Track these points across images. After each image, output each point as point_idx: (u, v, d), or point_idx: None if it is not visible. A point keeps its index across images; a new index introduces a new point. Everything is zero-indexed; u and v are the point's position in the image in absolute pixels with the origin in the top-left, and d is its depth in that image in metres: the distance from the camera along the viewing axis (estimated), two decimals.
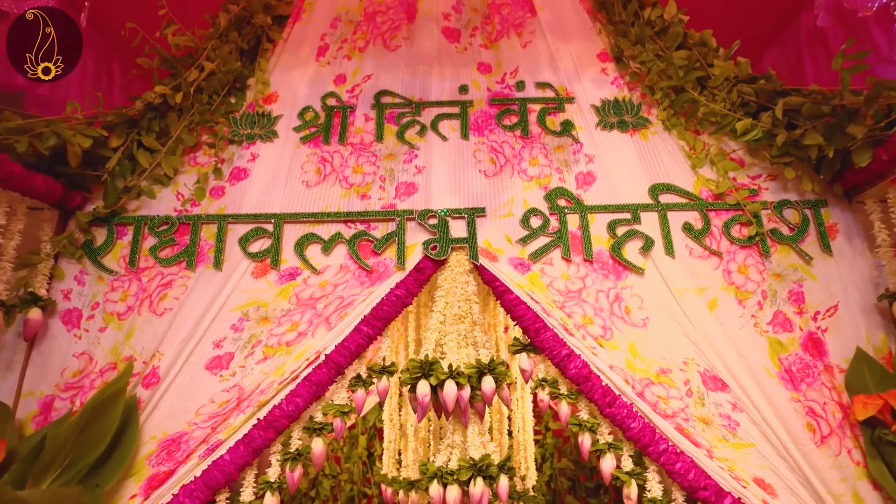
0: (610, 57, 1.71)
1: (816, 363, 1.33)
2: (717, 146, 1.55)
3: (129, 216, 1.51)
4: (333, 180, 1.53)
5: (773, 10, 2.20)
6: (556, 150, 1.55)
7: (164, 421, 1.33)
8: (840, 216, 1.45)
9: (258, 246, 1.46)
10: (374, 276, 1.41)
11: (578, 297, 1.37)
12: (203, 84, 1.65)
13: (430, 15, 1.74)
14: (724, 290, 1.39)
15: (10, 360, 1.36)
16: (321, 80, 1.69)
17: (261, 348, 1.37)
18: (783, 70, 2.53)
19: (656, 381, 1.31)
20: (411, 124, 1.59)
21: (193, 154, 1.61)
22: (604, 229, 1.44)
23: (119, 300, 1.43)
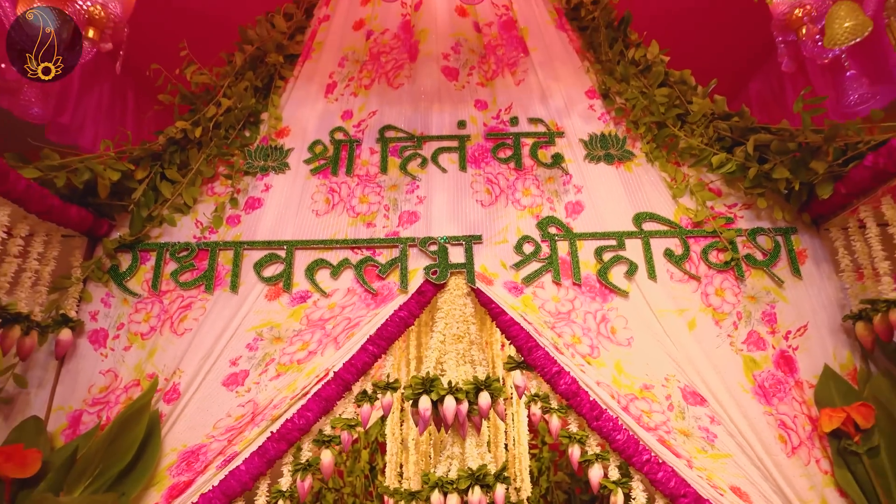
0: (597, 94, 1.85)
1: (788, 379, 1.44)
2: (696, 177, 1.68)
3: (151, 243, 1.63)
4: (341, 209, 1.65)
5: (758, 39, 2.35)
6: (548, 182, 1.67)
7: (184, 434, 1.43)
8: (809, 242, 1.57)
9: (271, 271, 1.58)
10: (379, 298, 1.53)
11: (568, 318, 1.49)
12: (221, 119, 1.78)
13: (431, 55, 1.88)
14: (703, 312, 1.50)
15: (42, 377, 1.46)
16: (330, 116, 1.82)
17: (274, 366, 1.48)
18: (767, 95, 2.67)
19: (640, 397, 1.42)
20: (413, 157, 1.72)
21: (211, 184, 1.74)
22: (591, 255, 1.56)
23: (142, 321, 1.55)
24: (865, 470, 1.29)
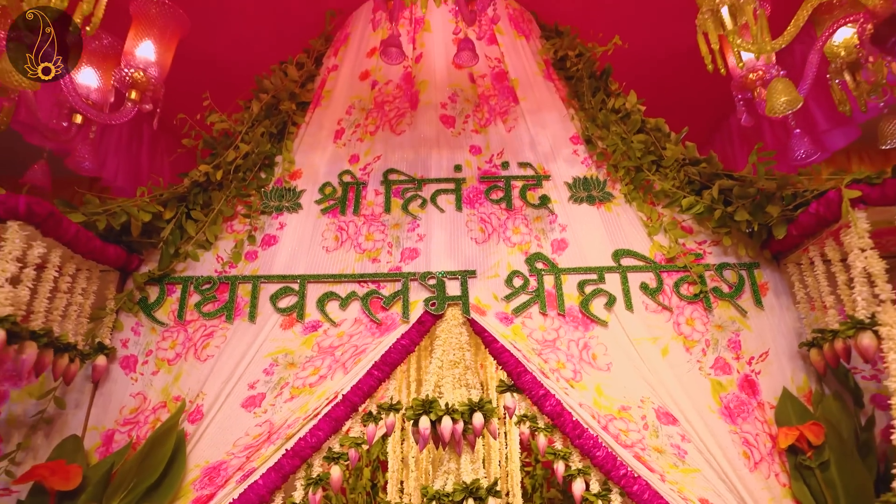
0: (581, 140, 2.04)
1: (751, 401, 1.60)
2: (669, 216, 1.85)
3: (177, 276, 1.79)
4: (349, 246, 1.82)
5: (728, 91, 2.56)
6: (535, 221, 1.85)
7: (207, 451, 1.58)
8: (770, 276, 1.74)
9: (286, 302, 1.74)
10: (383, 327, 1.69)
11: (553, 345, 1.65)
12: (240, 163, 1.96)
13: (430, 104, 2.07)
14: (674, 340, 1.66)
15: (78, 399, 1.62)
16: (338, 160, 2.01)
17: (288, 389, 1.63)
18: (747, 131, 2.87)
19: (618, 417, 1.57)
20: (414, 198, 1.90)
21: (231, 223, 1.91)
22: (574, 288, 1.73)
23: (169, 348, 1.71)
24: (818, 482, 1.44)
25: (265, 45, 2.81)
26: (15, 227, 1.29)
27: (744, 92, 1.61)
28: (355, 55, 2.26)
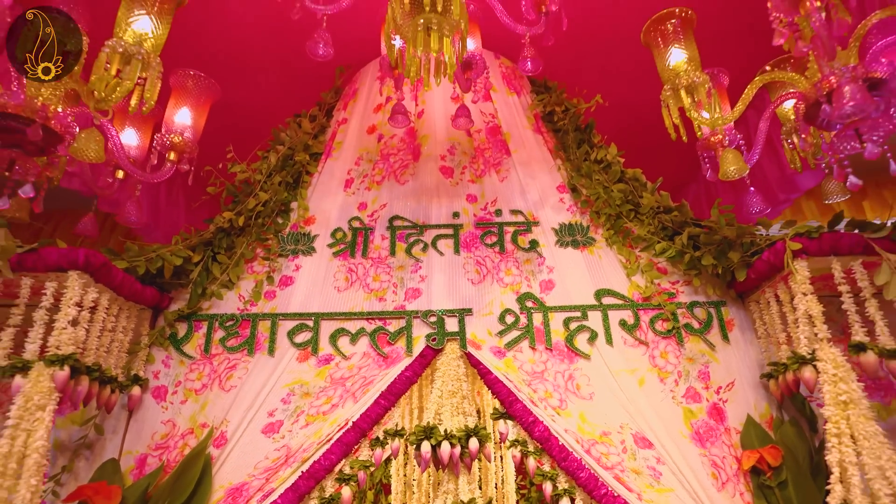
0: (566, 188, 2.26)
1: (719, 427, 1.78)
2: (646, 259, 2.06)
3: (203, 314, 1.99)
4: (358, 286, 2.03)
5: None
6: (525, 263, 2.06)
7: (230, 473, 1.74)
8: (735, 313, 1.94)
9: (301, 338, 1.93)
10: (389, 360, 1.88)
11: (541, 376, 1.84)
12: (259, 209, 2.18)
13: (431, 156, 2.30)
14: (650, 371, 1.85)
15: (115, 426, 1.80)
16: (348, 207, 2.22)
17: (304, 417, 1.81)
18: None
19: (600, 441, 1.75)
20: (416, 243, 2.11)
21: (251, 264, 2.12)
22: (560, 324, 1.92)
23: (196, 379, 1.89)
24: (777, 500, 1.61)
25: (280, 93, 3.08)
26: (75, 276, 1.49)
27: (707, 151, 1.84)
28: (363, 110, 2.50)
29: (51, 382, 1.38)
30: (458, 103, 2.03)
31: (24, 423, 1.32)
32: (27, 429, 1.32)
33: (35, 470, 1.29)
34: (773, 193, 2.79)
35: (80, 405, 1.58)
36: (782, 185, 2.76)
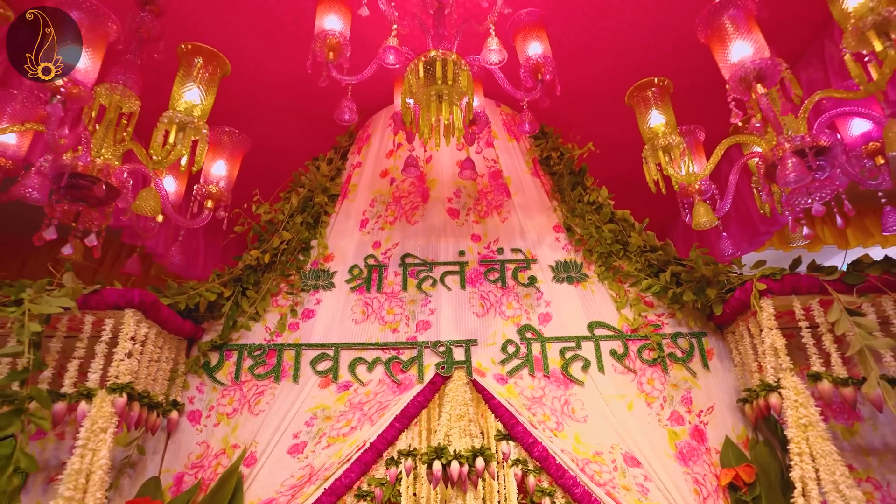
0: (562, 228, 2.48)
1: (700, 447, 1.98)
2: (634, 294, 2.27)
3: (233, 344, 2.19)
4: (373, 319, 2.23)
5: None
6: (525, 297, 2.27)
7: (259, 490, 1.92)
8: (715, 344, 2.14)
9: (323, 366, 2.13)
10: (402, 387, 2.08)
11: (540, 401, 2.03)
12: (283, 248, 2.41)
13: (439, 199, 2.53)
14: (638, 397, 2.05)
15: (155, 447, 1.99)
16: (364, 246, 2.44)
17: (325, 438, 2.00)
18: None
19: (593, 460, 1.94)
20: (426, 279, 2.32)
21: (276, 298, 2.33)
22: (557, 354, 2.12)
23: (227, 404, 2.09)
24: None
25: (298, 134, 3.33)
26: (130, 314, 1.71)
27: (686, 199, 2.07)
28: (376, 155, 2.74)
29: (112, 408, 1.58)
30: (463, 149, 2.26)
31: (91, 443, 1.52)
32: (93, 448, 1.52)
33: (100, 485, 1.49)
34: (755, 226, 3.01)
35: (133, 428, 1.76)
36: (763, 219, 2.98)
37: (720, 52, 1.59)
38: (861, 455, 1.85)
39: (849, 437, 1.89)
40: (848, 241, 4.81)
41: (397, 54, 1.62)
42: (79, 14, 1.46)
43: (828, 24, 2.38)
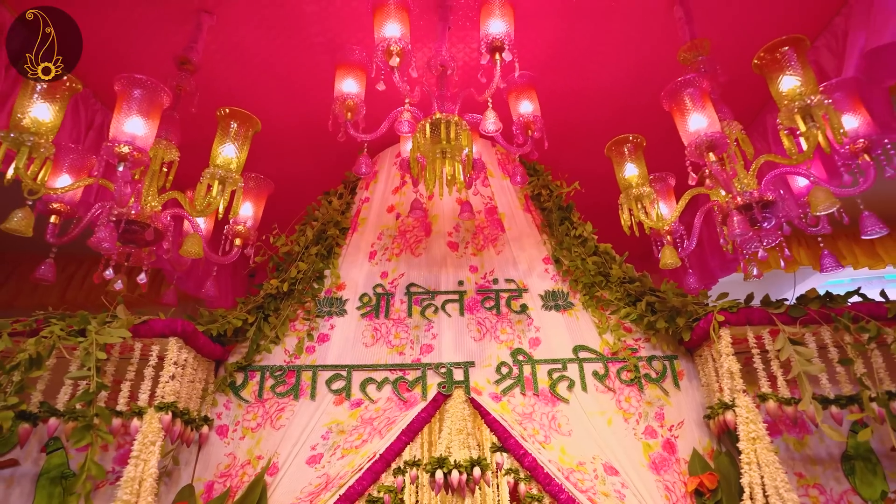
0: (551, 260, 2.76)
1: (671, 458, 2.23)
2: (615, 320, 2.54)
3: (256, 365, 2.45)
4: (382, 343, 2.49)
5: None
6: (517, 323, 2.54)
7: (281, 497, 2.16)
8: (685, 365, 2.42)
9: (337, 385, 2.39)
10: (408, 404, 2.33)
11: (530, 417, 2.29)
12: (300, 277, 2.67)
13: (440, 233, 2.81)
14: (616, 413, 2.31)
15: (188, 458, 2.22)
16: (372, 275, 2.71)
17: (340, 450, 2.25)
18: None
19: (576, 470, 2.19)
20: (429, 306, 2.59)
21: (294, 324, 2.59)
22: (545, 374, 2.39)
23: (251, 419, 2.34)
24: None
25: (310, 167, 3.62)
26: (173, 341, 1.97)
27: (658, 239, 2.35)
28: (383, 191, 3.02)
29: (159, 424, 1.84)
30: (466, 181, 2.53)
31: (142, 454, 1.77)
32: (144, 459, 1.77)
33: (150, 490, 1.74)
34: (726, 257, 3.31)
35: (174, 441, 2.01)
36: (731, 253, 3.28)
37: (680, 122, 1.89)
38: (809, 464, 2.11)
39: (800, 448, 2.16)
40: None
41: (411, 125, 1.90)
42: (140, 91, 1.74)
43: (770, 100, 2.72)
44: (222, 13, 2.59)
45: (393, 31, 1.89)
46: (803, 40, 1.72)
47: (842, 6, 2.57)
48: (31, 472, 2.04)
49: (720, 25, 2.64)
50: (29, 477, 2.02)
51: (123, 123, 1.73)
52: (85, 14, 2.45)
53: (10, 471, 2.02)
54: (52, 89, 1.72)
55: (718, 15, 2.59)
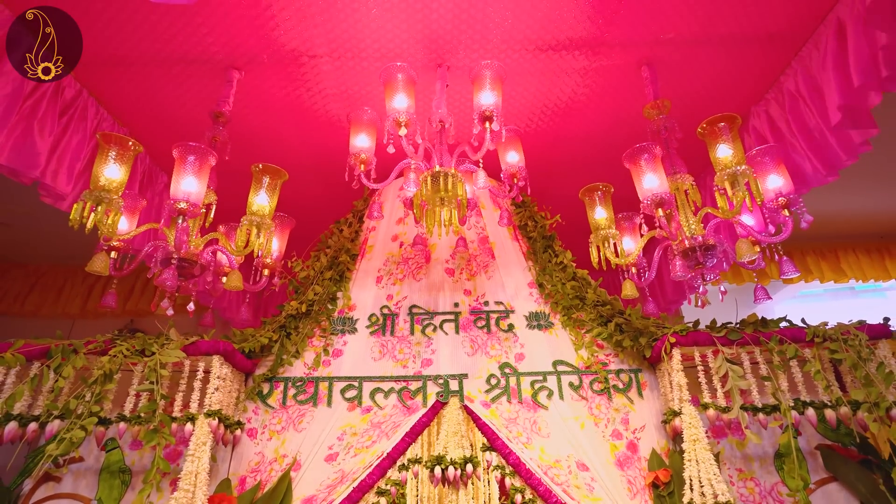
0: (535, 284, 3.16)
1: (634, 456, 2.64)
2: (589, 338, 2.95)
3: (280, 377, 2.84)
4: (388, 357, 2.89)
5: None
6: (505, 341, 2.94)
7: (303, 489, 2.54)
8: (648, 378, 2.82)
9: (350, 394, 2.78)
10: (411, 410, 2.72)
11: (514, 421, 2.69)
12: (316, 299, 3.07)
13: (438, 260, 3.21)
14: (588, 418, 2.71)
15: (224, 456, 2.61)
16: (379, 298, 3.11)
17: (353, 450, 2.64)
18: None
19: (553, 466, 2.59)
20: (428, 325, 2.99)
21: (311, 340, 2.98)
22: (528, 385, 2.79)
23: (277, 423, 2.73)
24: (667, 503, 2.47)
25: (320, 195, 4.01)
26: (216, 359, 2.36)
27: (626, 268, 2.76)
28: (388, 222, 3.42)
29: (208, 428, 2.23)
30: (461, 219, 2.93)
31: (196, 453, 2.16)
32: (198, 457, 2.16)
33: (203, 482, 2.13)
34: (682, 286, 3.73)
35: (218, 443, 2.40)
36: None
37: (637, 180, 2.30)
38: (748, 461, 2.53)
39: (741, 447, 2.57)
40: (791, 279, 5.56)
41: (416, 183, 2.29)
42: (193, 156, 2.13)
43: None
44: (250, 70, 2.98)
45: (400, 103, 2.29)
46: (735, 118, 2.13)
47: (786, 67, 3.00)
48: (94, 467, 2.44)
49: (682, 84, 3.06)
50: (93, 471, 2.41)
51: (181, 183, 2.12)
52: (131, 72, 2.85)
53: (77, 465, 2.41)
54: (121, 153, 2.11)
55: (679, 76, 3.01)
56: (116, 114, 3.20)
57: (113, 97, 3.07)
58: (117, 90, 3.04)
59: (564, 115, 3.33)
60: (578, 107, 3.25)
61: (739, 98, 3.18)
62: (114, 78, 2.98)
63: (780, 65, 3.00)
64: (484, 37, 2.76)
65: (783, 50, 2.91)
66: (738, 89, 3.14)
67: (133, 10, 2.60)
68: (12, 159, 2.55)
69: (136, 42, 2.77)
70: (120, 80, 2.99)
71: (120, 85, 3.01)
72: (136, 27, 2.69)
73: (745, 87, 3.14)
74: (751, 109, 3.26)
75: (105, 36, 2.70)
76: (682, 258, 2.16)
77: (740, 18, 2.71)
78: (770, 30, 2.78)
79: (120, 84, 3.02)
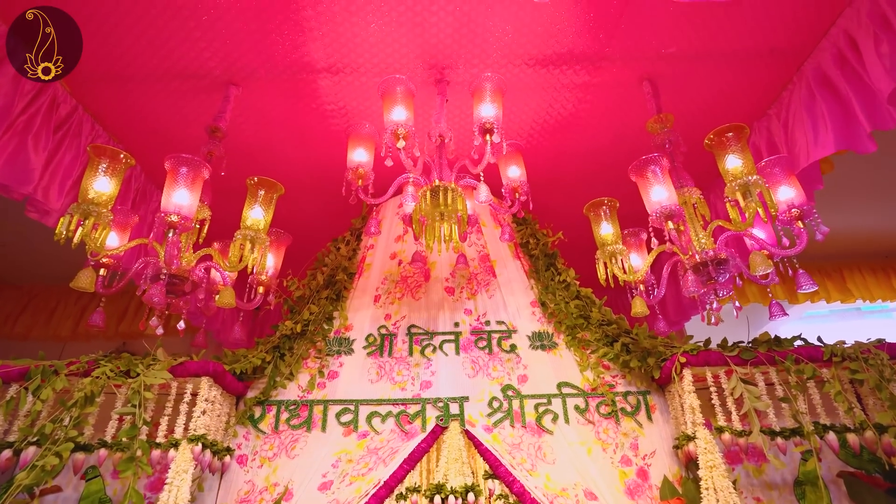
0: (537, 303, 3.07)
1: (644, 484, 2.50)
2: (594, 359, 2.84)
3: (273, 400, 2.72)
4: (386, 379, 2.77)
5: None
6: (507, 361, 2.83)
7: None
8: (657, 400, 2.70)
9: (346, 418, 2.65)
10: (409, 435, 2.60)
11: (518, 447, 2.56)
12: (311, 319, 2.96)
13: (438, 279, 3.12)
14: (595, 443, 2.58)
15: (211, 484, 2.47)
16: (377, 317, 3.01)
17: (348, 477, 2.50)
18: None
19: (560, 495, 2.45)
20: (428, 346, 2.88)
21: (306, 361, 2.86)
22: (532, 408, 2.67)
23: (268, 449, 2.59)
24: None
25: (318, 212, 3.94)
26: (205, 380, 2.25)
27: (634, 285, 2.67)
28: (386, 240, 3.34)
29: (191, 454, 2.10)
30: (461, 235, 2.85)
31: (175, 481, 2.03)
32: (177, 485, 2.03)
33: None
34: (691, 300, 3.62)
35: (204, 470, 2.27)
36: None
37: (644, 192, 2.23)
38: (766, 489, 2.39)
39: (758, 475, 2.43)
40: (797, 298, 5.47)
41: (414, 197, 2.22)
42: (186, 168, 2.06)
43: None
44: (247, 85, 2.94)
45: (399, 115, 2.23)
46: (743, 127, 2.07)
47: (787, 83, 2.96)
48: (72, 497, 2.29)
49: (683, 99, 3.02)
50: (72, 501, 2.27)
51: (172, 196, 2.04)
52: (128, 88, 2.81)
53: (54, 496, 2.27)
54: (112, 166, 2.04)
55: (681, 91, 2.97)
56: (112, 130, 3.15)
57: (109, 113, 3.03)
58: (113, 106, 3.00)
59: (565, 131, 3.28)
60: (579, 122, 3.21)
61: (742, 113, 3.13)
62: (110, 94, 2.94)
63: (783, 80, 2.96)
64: (484, 51, 2.73)
65: (785, 65, 2.87)
66: (741, 104, 3.10)
67: (130, 26, 2.58)
68: (4, 174, 2.48)
69: (132, 57, 2.74)
70: (116, 96, 2.95)
71: (116, 101, 2.97)
72: (134, 42, 2.66)
73: (747, 103, 3.10)
74: (753, 125, 3.22)
75: (102, 52, 2.67)
76: (693, 273, 2.07)
77: (741, 33, 2.69)
78: (772, 44, 2.75)
79: (116, 100, 2.98)
